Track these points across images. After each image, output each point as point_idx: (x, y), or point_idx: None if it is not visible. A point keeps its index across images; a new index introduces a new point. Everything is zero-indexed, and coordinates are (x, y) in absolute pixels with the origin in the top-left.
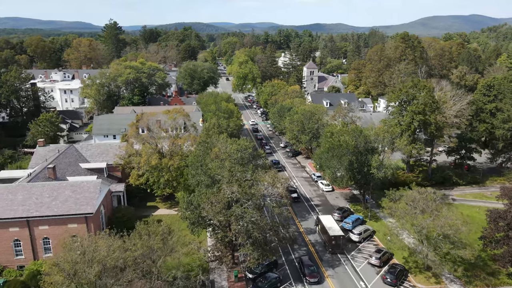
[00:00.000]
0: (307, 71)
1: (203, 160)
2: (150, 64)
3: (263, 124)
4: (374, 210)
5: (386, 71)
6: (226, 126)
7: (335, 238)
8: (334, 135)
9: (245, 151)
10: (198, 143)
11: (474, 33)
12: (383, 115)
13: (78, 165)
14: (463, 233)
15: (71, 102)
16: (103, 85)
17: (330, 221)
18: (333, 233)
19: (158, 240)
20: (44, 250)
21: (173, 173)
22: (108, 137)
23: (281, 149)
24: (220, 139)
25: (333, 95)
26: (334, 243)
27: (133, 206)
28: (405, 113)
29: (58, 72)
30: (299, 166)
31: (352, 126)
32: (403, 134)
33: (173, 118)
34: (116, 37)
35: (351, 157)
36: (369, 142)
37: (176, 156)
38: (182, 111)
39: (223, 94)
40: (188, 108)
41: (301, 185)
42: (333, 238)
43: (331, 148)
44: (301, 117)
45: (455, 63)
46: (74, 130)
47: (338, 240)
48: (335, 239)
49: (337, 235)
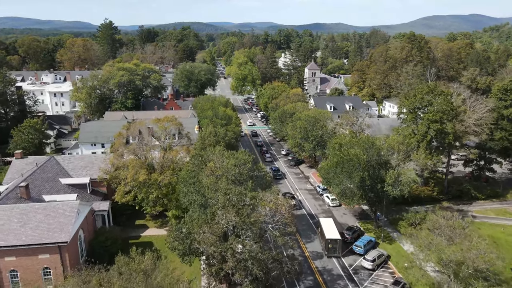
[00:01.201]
0: (309, 72)
1: (197, 177)
2: (145, 66)
3: (263, 129)
4: (387, 230)
5: (391, 73)
6: (224, 134)
7: (331, 241)
8: (342, 147)
9: (243, 166)
10: (192, 156)
11: (476, 32)
12: (391, 121)
13: (58, 181)
14: (497, 266)
15: (62, 105)
16: (94, 88)
17: (329, 224)
18: (329, 236)
19: (140, 281)
20: (12, 284)
21: (164, 189)
22: (96, 145)
23: (282, 157)
24: (216, 151)
25: (337, 98)
26: (330, 247)
27: (120, 225)
28: (420, 121)
29: (49, 74)
30: (302, 177)
31: (362, 136)
32: (420, 146)
33: (164, 128)
34: (111, 37)
35: (363, 173)
36: (382, 155)
37: (167, 170)
38: (174, 120)
39: (221, 98)
40: (183, 113)
41: (305, 199)
42: (329, 242)
43: (339, 163)
44: (304, 124)
45: (463, 64)
46: (62, 136)
47: (334, 244)
48: (331, 242)
49: (333, 239)
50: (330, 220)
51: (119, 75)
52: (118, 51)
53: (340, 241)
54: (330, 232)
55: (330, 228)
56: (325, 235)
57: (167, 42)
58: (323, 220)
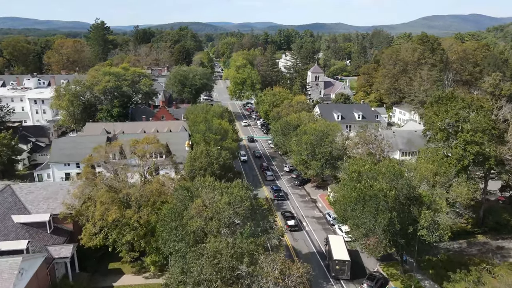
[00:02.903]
0: (312, 76)
1: (180, 217)
2: (134, 70)
3: (264, 138)
4: (416, 277)
5: (402, 77)
6: (217, 155)
7: (339, 262)
8: (362, 177)
9: (239, 206)
10: (175, 190)
11: (480, 32)
12: (407, 133)
13: (10, 218)
14: None
15: (43, 113)
16: (78, 94)
17: (339, 243)
18: (338, 257)
19: None
20: None
21: (140, 230)
22: (70, 165)
23: (285, 174)
24: (206, 183)
25: (344, 106)
26: (338, 268)
27: (89, 271)
28: (453, 142)
29: (32, 78)
30: (309, 200)
31: (385, 162)
32: (460, 175)
33: (143, 152)
34: (103, 38)
35: (392, 213)
36: (413, 187)
37: (146, 206)
38: (156, 142)
39: (217, 108)
40: (174, 125)
41: (313, 230)
42: (336, 263)
43: (360, 198)
44: (311, 139)
45: (479, 68)
46: (38, 150)
47: (342, 265)
48: (339, 263)
49: (341, 260)
50: (339, 238)
51: (104, 80)
52: (109, 52)
53: (349, 263)
54: (339, 252)
55: (339, 248)
56: (333, 255)
57: (162, 43)
58: (332, 238)
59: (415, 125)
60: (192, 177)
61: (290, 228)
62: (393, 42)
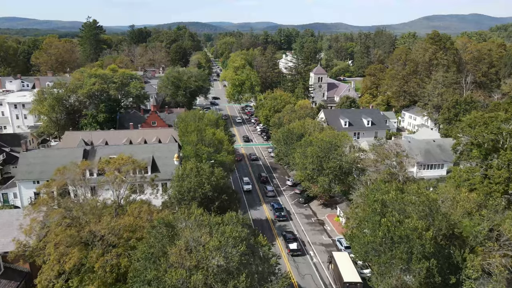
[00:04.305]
0: (315, 77)
1: (157, 266)
2: (124, 72)
3: (264, 146)
4: None
5: (412, 78)
6: (209, 173)
7: (350, 285)
8: (387, 209)
9: (233, 250)
10: (152, 227)
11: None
12: (425, 143)
13: None
14: None
15: (24, 119)
16: (60, 99)
17: (346, 262)
18: (348, 279)
19: None
20: None
21: (108, 277)
22: (40, 183)
23: (288, 188)
24: (191, 218)
25: (351, 111)
26: None
27: None
28: (496, 162)
29: (14, 80)
30: (315, 221)
31: (414, 187)
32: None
33: (114, 178)
34: (95, 38)
35: (430, 261)
36: (453, 224)
37: (119, 246)
38: (134, 162)
39: (211, 116)
40: (164, 133)
41: (321, 262)
42: (347, 285)
43: (386, 239)
44: (317, 151)
45: (495, 69)
46: (12, 162)
47: None
48: (350, 286)
49: (353, 282)
50: (345, 256)
51: (89, 83)
52: (102, 52)
53: (361, 285)
54: (349, 273)
55: (348, 267)
56: (343, 277)
57: (156, 43)
58: (338, 255)
59: (429, 131)
60: (179, 200)
61: (292, 252)
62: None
